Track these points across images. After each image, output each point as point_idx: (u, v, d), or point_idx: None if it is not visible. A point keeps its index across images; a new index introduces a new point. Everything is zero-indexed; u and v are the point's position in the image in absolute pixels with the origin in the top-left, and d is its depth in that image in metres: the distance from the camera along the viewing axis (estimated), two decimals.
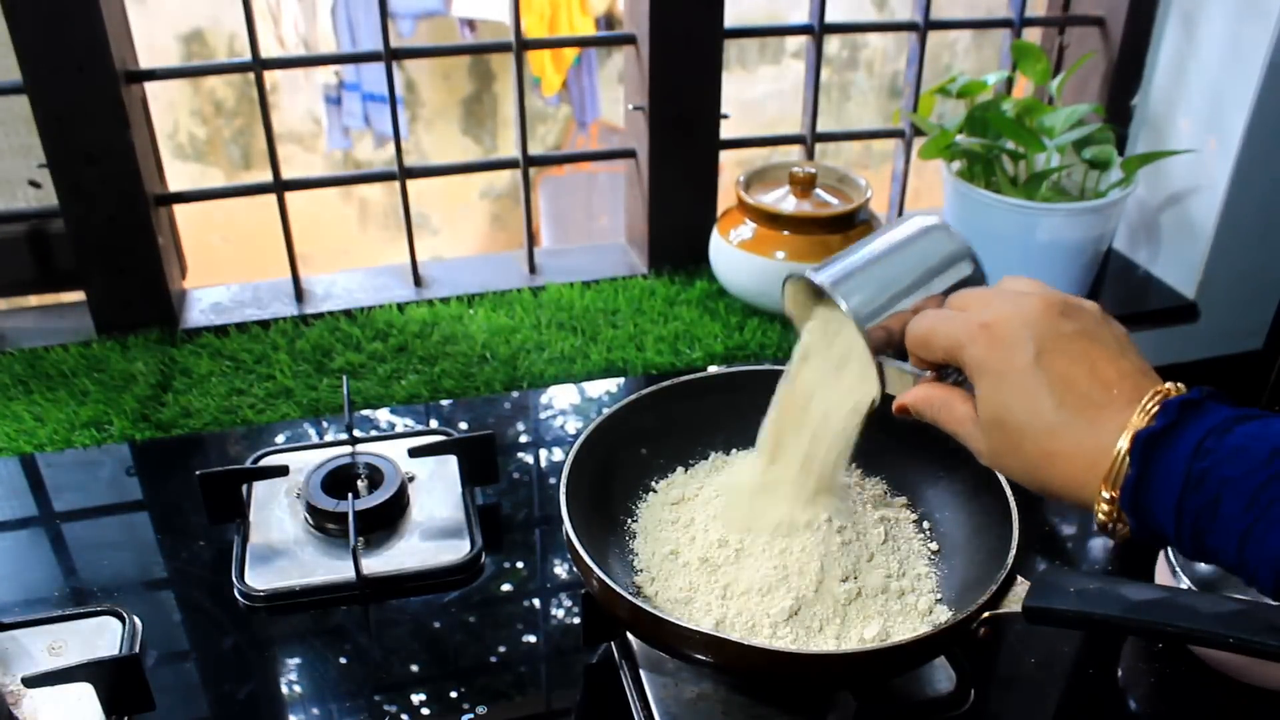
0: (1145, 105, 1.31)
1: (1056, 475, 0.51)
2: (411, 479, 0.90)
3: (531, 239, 1.28)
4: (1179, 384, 0.50)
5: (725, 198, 1.24)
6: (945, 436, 0.77)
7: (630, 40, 1.19)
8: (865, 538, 0.76)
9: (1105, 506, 0.49)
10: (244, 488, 0.88)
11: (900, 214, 1.41)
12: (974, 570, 0.72)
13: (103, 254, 1.10)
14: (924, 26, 1.27)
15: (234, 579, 0.80)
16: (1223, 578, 0.80)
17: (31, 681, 0.65)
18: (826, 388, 0.67)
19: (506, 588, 0.82)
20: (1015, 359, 0.52)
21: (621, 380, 1.08)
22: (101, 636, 0.74)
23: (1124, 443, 0.48)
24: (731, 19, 1.17)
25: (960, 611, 0.65)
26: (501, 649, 0.76)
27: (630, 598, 0.65)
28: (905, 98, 1.32)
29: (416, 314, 1.17)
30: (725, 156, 1.25)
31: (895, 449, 0.82)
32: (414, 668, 0.75)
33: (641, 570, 0.73)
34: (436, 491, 0.89)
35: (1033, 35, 1.34)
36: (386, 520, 0.85)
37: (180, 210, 1.19)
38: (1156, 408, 0.48)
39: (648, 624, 0.65)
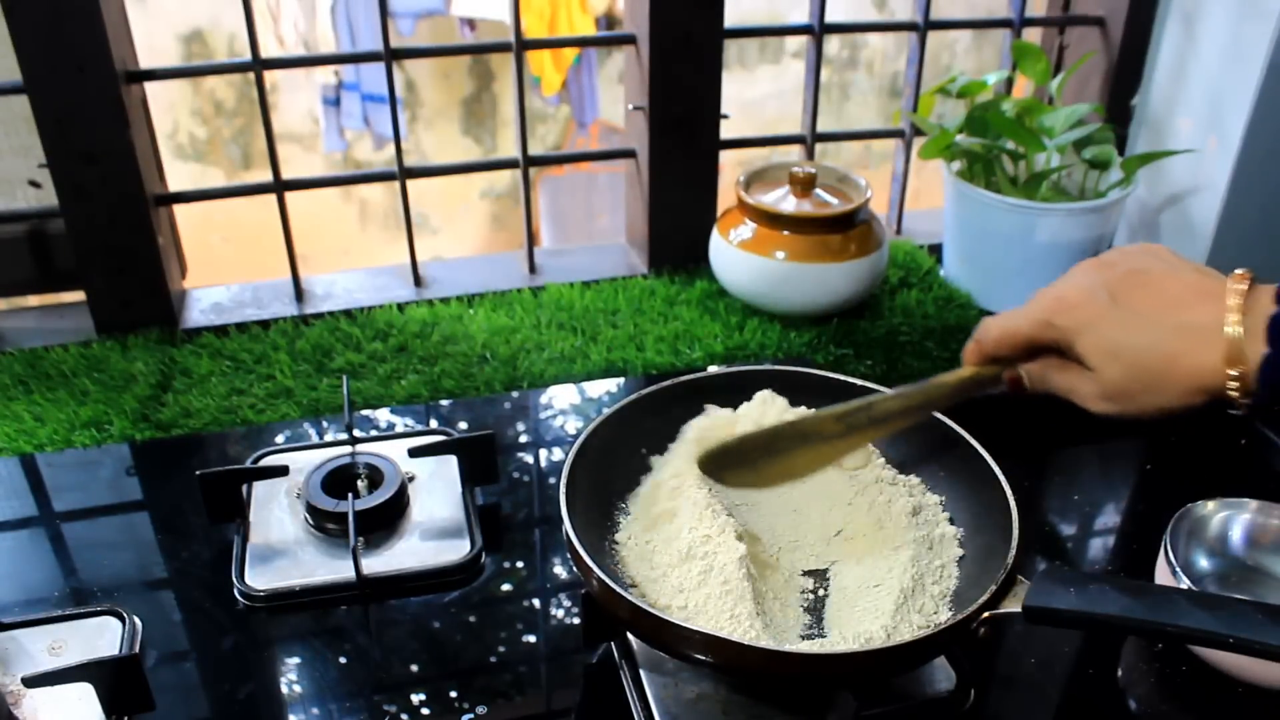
0: (1145, 105, 1.31)
1: (1182, 374, 0.59)
2: (411, 479, 0.90)
3: (531, 239, 1.28)
4: (1243, 271, 0.58)
5: (725, 198, 1.24)
6: (944, 432, 0.77)
7: (630, 40, 1.19)
8: (869, 537, 0.76)
9: (1234, 384, 0.57)
10: (244, 488, 0.88)
11: (900, 214, 1.41)
12: (974, 570, 0.72)
13: (103, 254, 1.10)
14: (924, 26, 1.27)
15: (234, 579, 0.80)
16: (1223, 577, 0.80)
17: (31, 681, 0.65)
18: None
19: (506, 588, 0.82)
20: (1097, 307, 0.61)
21: (621, 380, 1.08)
22: (101, 636, 0.74)
23: (1233, 326, 0.57)
24: (731, 19, 1.17)
25: (960, 611, 0.65)
26: (501, 649, 0.76)
27: (630, 598, 0.65)
28: (905, 98, 1.32)
29: (416, 314, 1.17)
30: (725, 156, 1.25)
31: (895, 448, 0.82)
32: (414, 668, 0.75)
33: (640, 569, 0.73)
34: (436, 491, 0.89)
35: (1033, 35, 1.34)
36: (386, 520, 0.85)
37: (180, 210, 1.19)
38: (1265, 293, 0.57)
39: (648, 624, 0.65)
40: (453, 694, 0.73)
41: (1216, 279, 0.60)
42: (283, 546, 0.83)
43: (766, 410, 0.82)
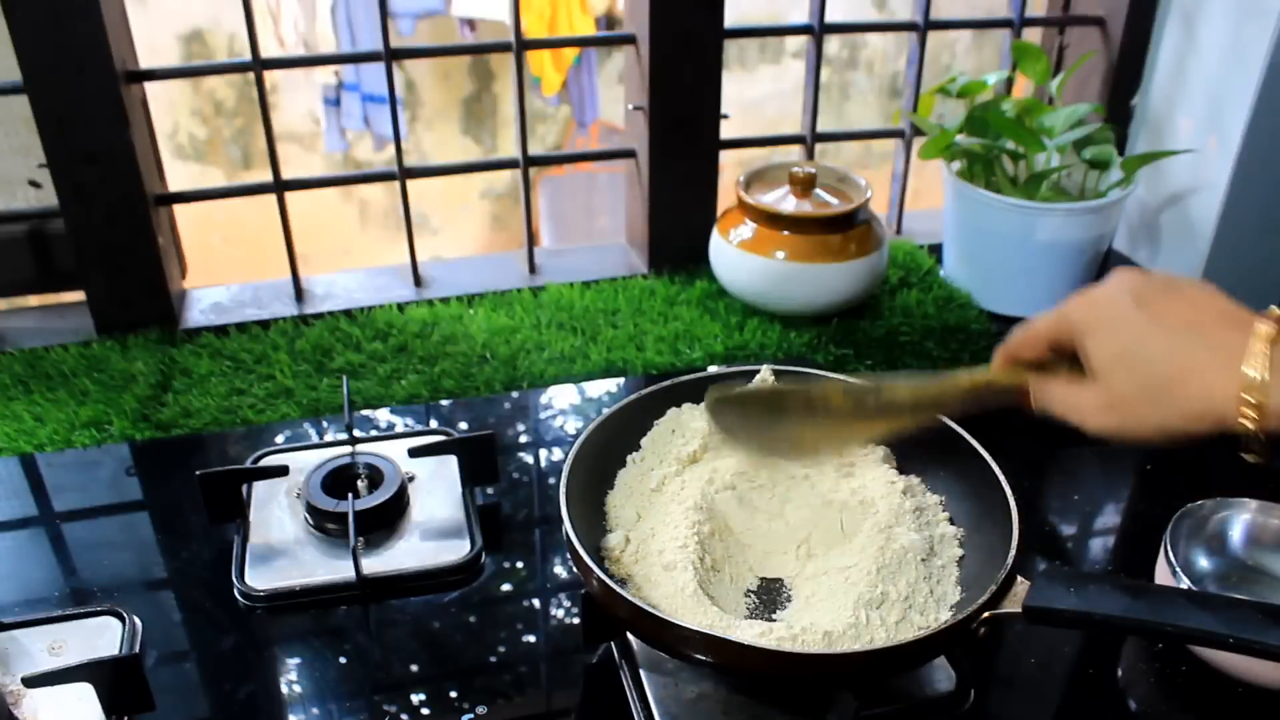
0: (1145, 105, 1.31)
1: (1191, 393, 0.54)
2: (411, 479, 0.90)
3: (531, 239, 1.28)
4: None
5: (725, 198, 1.24)
6: (944, 432, 0.77)
7: (630, 40, 1.19)
8: (870, 538, 0.76)
9: (1249, 414, 0.52)
10: (244, 488, 0.88)
11: (900, 214, 1.41)
12: (974, 570, 0.72)
13: (103, 254, 1.10)
14: (924, 26, 1.27)
15: (234, 579, 0.80)
16: (1223, 577, 0.80)
17: (31, 681, 0.65)
18: None
19: (506, 588, 0.82)
20: (1119, 308, 0.57)
21: (621, 380, 1.08)
22: (101, 636, 0.74)
23: (1258, 359, 0.52)
24: (731, 19, 1.17)
25: (960, 611, 0.65)
26: (501, 649, 0.76)
27: (630, 598, 0.65)
28: (905, 98, 1.32)
29: (416, 314, 1.17)
30: (725, 156, 1.25)
31: (894, 448, 0.82)
32: (414, 668, 0.75)
33: (640, 569, 0.73)
34: (436, 491, 0.89)
35: (1033, 35, 1.34)
36: (386, 520, 0.85)
37: (180, 210, 1.19)
38: None
39: (648, 624, 0.65)
40: (453, 694, 0.73)
41: (1253, 312, 0.55)
42: (283, 546, 0.83)
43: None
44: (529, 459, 0.97)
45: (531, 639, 0.77)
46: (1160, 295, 0.57)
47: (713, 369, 1.08)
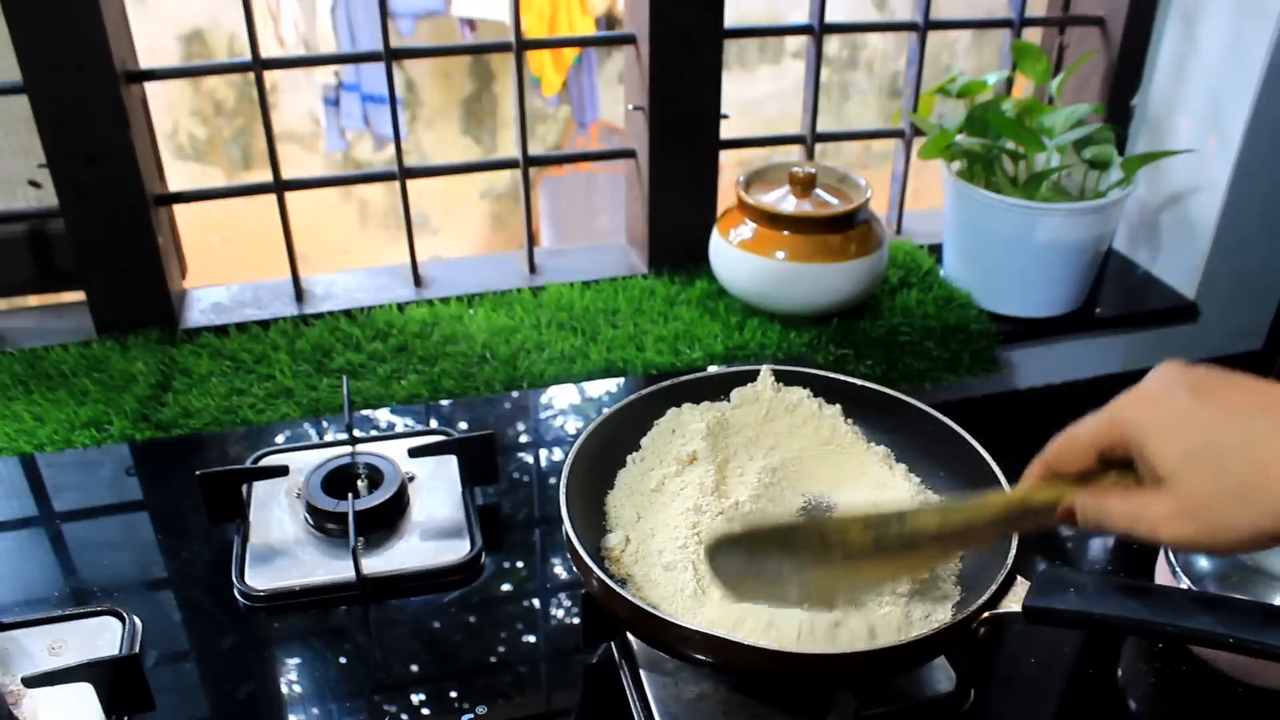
0: (1145, 105, 1.31)
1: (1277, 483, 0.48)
2: (411, 479, 0.90)
3: (531, 239, 1.28)
4: None
5: (725, 198, 1.24)
6: (944, 432, 0.77)
7: (630, 40, 1.19)
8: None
9: None
10: (244, 488, 0.88)
11: (900, 214, 1.41)
12: (974, 570, 0.72)
13: (103, 254, 1.10)
14: (924, 26, 1.27)
15: (234, 579, 0.80)
16: (1223, 577, 0.80)
17: (31, 681, 0.65)
18: None
19: (506, 588, 0.82)
20: (1179, 403, 0.51)
21: (621, 380, 1.08)
22: (101, 636, 0.74)
23: None
24: (731, 19, 1.17)
25: (960, 611, 0.65)
26: (501, 649, 0.76)
27: (630, 598, 0.65)
28: (905, 98, 1.32)
29: (416, 314, 1.17)
30: (725, 156, 1.25)
31: (896, 448, 0.82)
32: (414, 668, 0.75)
33: (640, 569, 0.73)
34: (436, 491, 0.89)
35: (1033, 35, 1.34)
36: (386, 520, 0.85)
37: (180, 210, 1.19)
38: None
39: (648, 624, 0.65)
40: (453, 694, 0.73)
41: None
42: (283, 546, 0.83)
43: (761, 394, 0.82)
44: (529, 459, 0.97)
45: (531, 639, 0.77)
46: (1217, 385, 0.51)
47: (713, 369, 1.08)
